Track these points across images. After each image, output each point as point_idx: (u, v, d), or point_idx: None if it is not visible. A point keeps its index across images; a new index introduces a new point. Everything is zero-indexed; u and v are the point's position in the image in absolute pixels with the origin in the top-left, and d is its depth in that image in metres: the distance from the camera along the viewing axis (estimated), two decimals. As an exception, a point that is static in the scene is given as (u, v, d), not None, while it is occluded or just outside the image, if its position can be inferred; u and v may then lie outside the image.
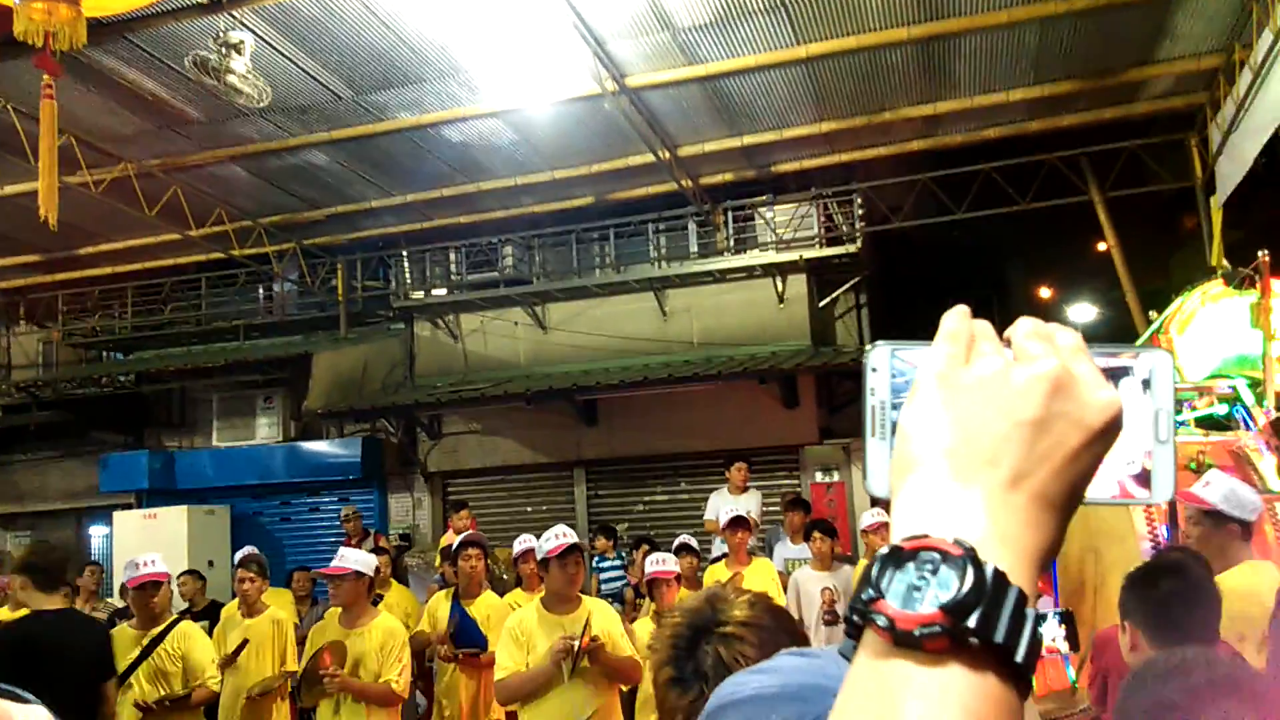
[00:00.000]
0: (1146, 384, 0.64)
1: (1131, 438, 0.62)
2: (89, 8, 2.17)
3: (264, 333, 13.12)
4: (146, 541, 11.22)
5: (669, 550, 7.27)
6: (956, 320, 0.63)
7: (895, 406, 0.64)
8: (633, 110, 8.70)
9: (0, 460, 13.84)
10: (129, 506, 12.27)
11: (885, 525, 6.69)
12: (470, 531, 6.93)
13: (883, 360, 0.67)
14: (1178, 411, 6.07)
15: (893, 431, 0.63)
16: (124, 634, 5.43)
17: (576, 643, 4.60)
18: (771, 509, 9.44)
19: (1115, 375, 0.63)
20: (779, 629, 1.55)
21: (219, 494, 12.15)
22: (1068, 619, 3.67)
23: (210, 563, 11.24)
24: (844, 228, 10.89)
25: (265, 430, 12.55)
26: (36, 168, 8.47)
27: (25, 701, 0.49)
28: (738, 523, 7.10)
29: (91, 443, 13.21)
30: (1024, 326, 0.62)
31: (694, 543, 7.18)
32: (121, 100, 8.44)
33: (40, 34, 2.18)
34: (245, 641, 6.17)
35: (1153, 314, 7.01)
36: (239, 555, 7.12)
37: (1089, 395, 0.58)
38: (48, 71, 2.99)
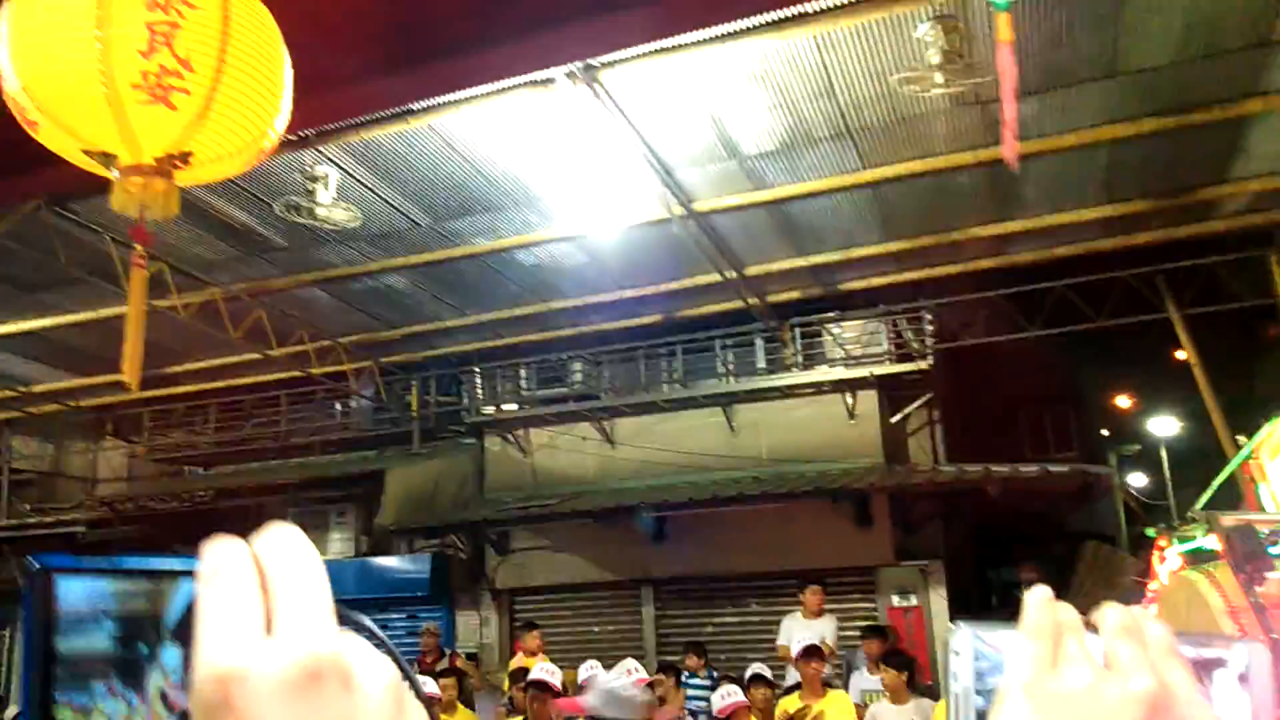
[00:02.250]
0: (1244, 678, 0.61)
1: None
2: (183, 179, 2.31)
3: (339, 448, 13.36)
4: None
5: (740, 675, 7.09)
6: (1041, 612, 0.60)
7: (979, 693, 0.63)
8: (700, 233, 8.86)
9: (84, 572, 14.12)
10: (203, 621, 12.38)
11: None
12: (545, 667, 6.81)
13: (965, 644, 0.65)
14: (1273, 543, 5.77)
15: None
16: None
17: None
18: (846, 634, 9.15)
19: (1208, 667, 0.61)
20: None
21: (291, 610, 12.21)
22: None
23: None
24: (914, 344, 10.80)
25: (338, 545, 12.67)
26: (122, 290, 9.00)
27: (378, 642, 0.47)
28: (811, 652, 6.89)
29: (171, 556, 13.44)
30: (1112, 619, 0.59)
31: (767, 672, 6.98)
32: (211, 229, 8.87)
33: (135, 207, 2.32)
34: None
35: (1241, 438, 6.76)
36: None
37: (1190, 718, 0.56)
38: (141, 243, 3.16)
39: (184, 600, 0.54)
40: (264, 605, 0.48)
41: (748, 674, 6.87)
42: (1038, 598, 0.61)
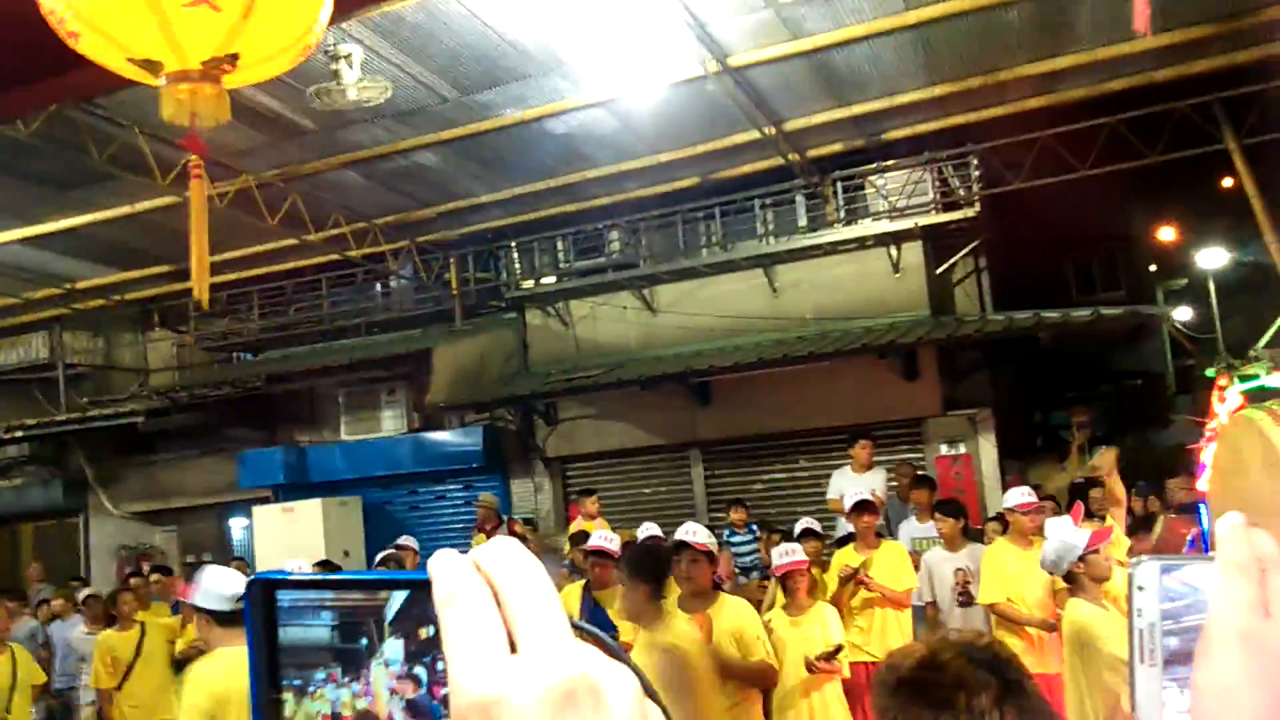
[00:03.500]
0: None
1: None
2: (231, 82, 2.22)
3: (383, 329, 13.47)
4: (285, 534, 11.76)
5: (789, 533, 7.24)
6: (1237, 545, 0.56)
7: (1169, 633, 0.59)
8: (736, 90, 8.56)
9: (145, 460, 14.62)
10: (266, 500, 12.82)
11: (1038, 506, 6.46)
12: (604, 533, 6.97)
13: (1151, 578, 0.61)
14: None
15: (1165, 659, 0.59)
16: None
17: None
18: (895, 485, 9.28)
19: None
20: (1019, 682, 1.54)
21: (350, 486, 12.61)
22: None
23: (345, 552, 11.69)
24: (960, 191, 10.53)
25: (390, 423, 12.95)
26: (161, 184, 8.94)
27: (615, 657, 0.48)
28: (863, 506, 7.00)
29: (227, 441, 13.84)
30: None
31: (816, 526, 7.11)
32: (240, 116, 8.68)
33: (186, 115, 2.24)
34: None
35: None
36: (380, 555, 7.36)
37: None
38: (194, 152, 3.07)
39: (401, 595, 0.53)
40: (504, 623, 0.47)
41: (797, 529, 7.01)
42: (1230, 528, 0.57)
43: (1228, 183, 10.38)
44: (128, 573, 11.02)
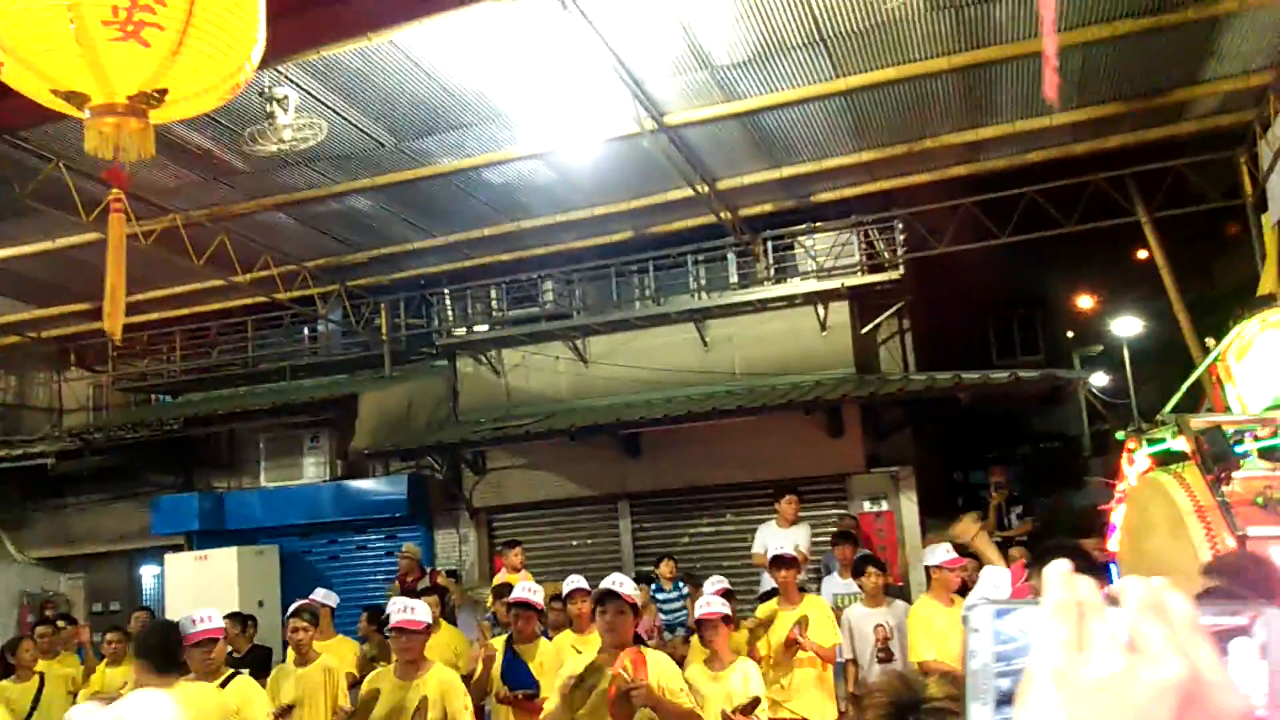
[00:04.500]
0: (1265, 649, 0.61)
1: None
2: (157, 118, 2.20)
3: (310, 373, 13.26)
4: (197, 583, 11.38)
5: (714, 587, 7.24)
6: (1061, 588, 0.60)
7: (1001, 675, 0.63)
8: (671, 147, 8.72)
9: (54, 504, 14.08)
10: (180, 548, 12.41)
11: (962, 563, 6.55)
12: (527, 585, 6.89)
13: (984, 621, 0.65)
14: (1238, 442, 5.92)
15: (996, 700, 0.62)
16: (181, 688, 5.46)
17: (575, 680, 4.63)
18: (819, 539, 9.36)
19: (1229, 636, 0.61)
20: None
21: (268, 533, 12.28)
22: None
23: (260, 603, 11.34)
24: (885, 254, 10.81)
25: (312, 470, 12.68)
26: (85, 221, 8.74)
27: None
28: (781, 562, 7.04)
29: (142, 485, 13.41)
30: (1133, 593, 0.59)
31: (725, 583, 7.16)
32: (171, 154, 8.60)
33: (110, 148, 2.22)
34: (290, 707, 6.18)
35: (1210, 341, 6.88)
36: (293, 606, 7.16)
37: (1221, 705, 0.55)
38: (117, 185, 3.04)
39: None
40: None
41: (707, 587, 7.06)
42: (1057, 574, 0.61)
43: (1142, 254, 10.83)
44: (31, 622, 10.54)
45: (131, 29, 2.09)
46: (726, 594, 6.80)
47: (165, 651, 4.65)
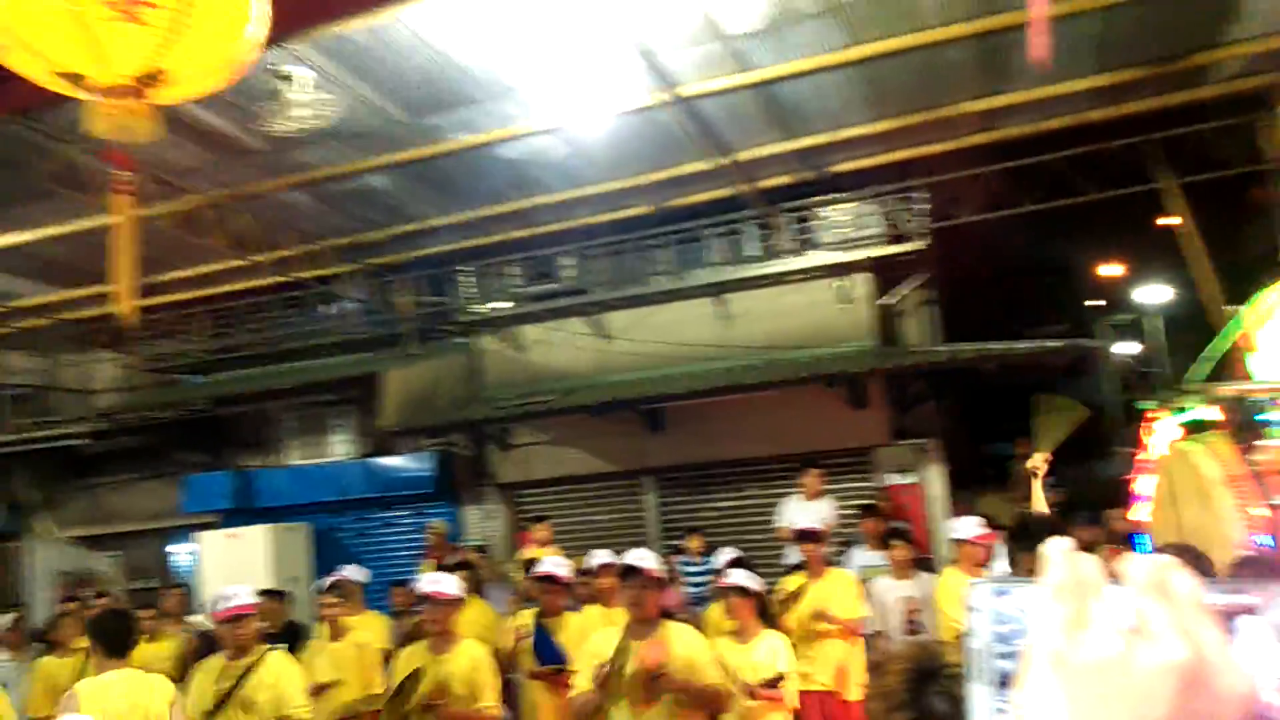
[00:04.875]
0: (1277, 629, 0.59)
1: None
2: (159, 98, 2.21)
3: (333, 351, 13.35)
4: (230, 560, 11.55)
5: (743, 558, 7.26)
6: (1063, 569, 0.59)
7: (1000, 656, 0.62)
8: (687, 119, 8.65)
9: (87, 484, 14.30)
10: (212, 526, 12.59)
11: (990, 539, 6.51)
12: (554, 559, 6.93)
13: (984, 601, 0.64)
14: (1260, 411, 5.82)
15: (999, 681, 0.62)
16: (213, 665, 5.54)
17: (608, 665, 4.65)
18: (844, 513, 9.35)
19: (1236, 615, 0.59)
20: None
21: (297, 511, 12.41)
22: None
23: (294, 580, 11.50)
24: (907, 224, 10.70)
25: (340, 447, 12.81)
26: (103, 202, 8.80)
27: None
28: (805, 536, 7.05)
29: (173, 464, 13.59)
30: (1138, 573, 0.57)
31: (735, 553, 7.19)
32: (185, 134, 8.64)
33: (113, 129, 2.22)
34: (328, 685, 6.25)
35: (1231, 308, 6.77)
36: (325, 581, 7.24)
37: (1224, 688, 0.54)
38: (120, 167, 3.05)
39: None
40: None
41: (721, 559, 7.09)
42: (1059, 552, 0.60)
43: (1168, 221, 10.66)
44: (64, 598, 10.75)
45: (130, 10, 2.09)
46: (738, 562, 6.81)
47: (115, 637, 4.78)
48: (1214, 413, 5.44)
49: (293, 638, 7.58)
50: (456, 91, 8.21)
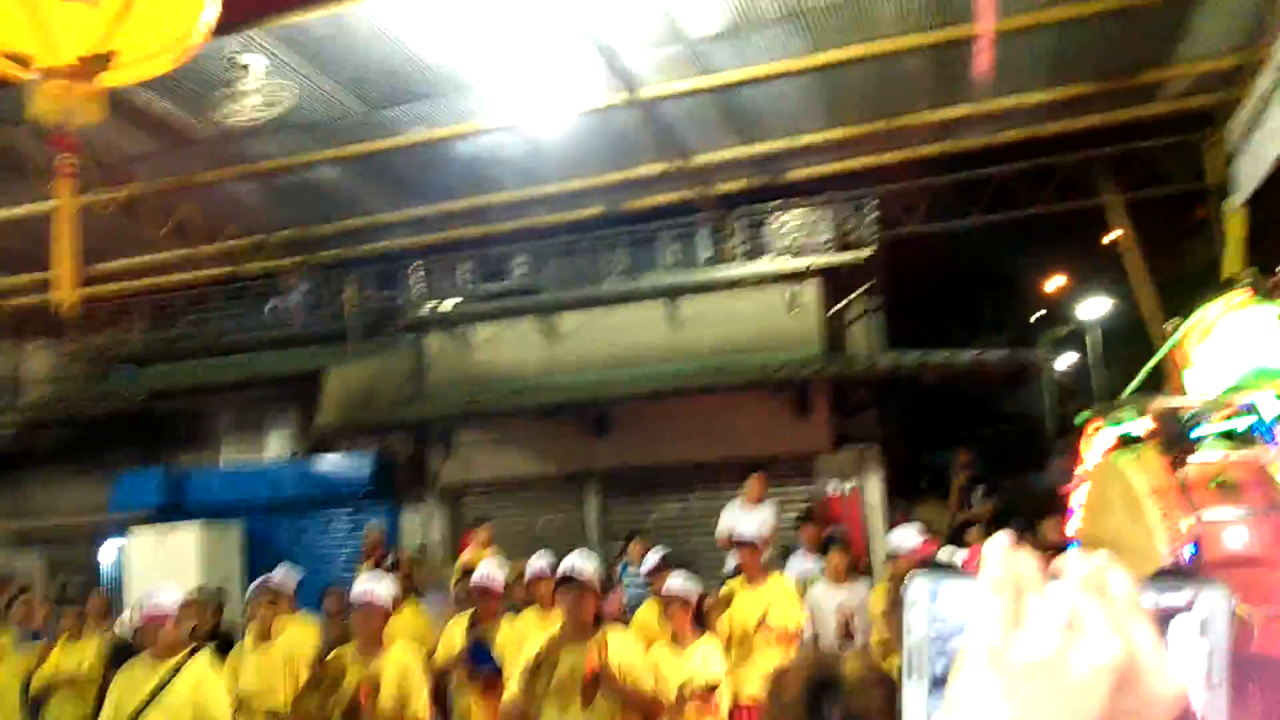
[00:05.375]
0: (1204, 625, 0.60)
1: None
2: (107, 81, 2.12)
3: (275, 347, 13.09)
4: (160, 559, 11.24)
5: (686, 562, 7.26)
6: (1000, 564, 0.58)
7: (936, 653, 0.61)
8: (645, 121, 8.65)
9: (13, 478, 13.83)
10: (141, 524, 12.25)
11: (930, 552, 6.57)
12: (491, 563, 6.85)
13: (921, 595, 0.63)
14: (1195, 425, 5.98)
15: (932, 678, 0.61)
16: (138, 666, 5.37)
17: (531, 664, 4.65)
18: (786, 519, 9.40)
19: (1172, 615, 0.60)
20: (889, 680, 1.60)
21: (231, 510, 12.11)
22: None
23: (223, 581, 11.23)
24: (857, 233, 10.81)
25: (277, 446, 12.53)
26: (44, 189, 8.54)
27: None
28: (741, 543, 7.07)
29: (103, 460, 13.20)
30: (1074, 570, 0.57)
31: (663, 552, 7.23)
32: (132, 120, 8.41)
33: (58, 112, 2.13)
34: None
35: (1170, 324, 6.93)
36: (253, 585, 7.08)
37: (1156, 688, 0.55)
38: (65, 150, 2.93)
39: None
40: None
41: (650, 559, 7.11)
42: (996, 549, 0.59)
43: (1111, 237, 10.91)
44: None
45: (79, -12, 2.01)
46: (666, 563, 6.78)
47: None
48: (1147, 425, 5.55)
49: (222, 640, 7.40)
50: (414, 85, 8.11)
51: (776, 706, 1.61)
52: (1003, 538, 0.60)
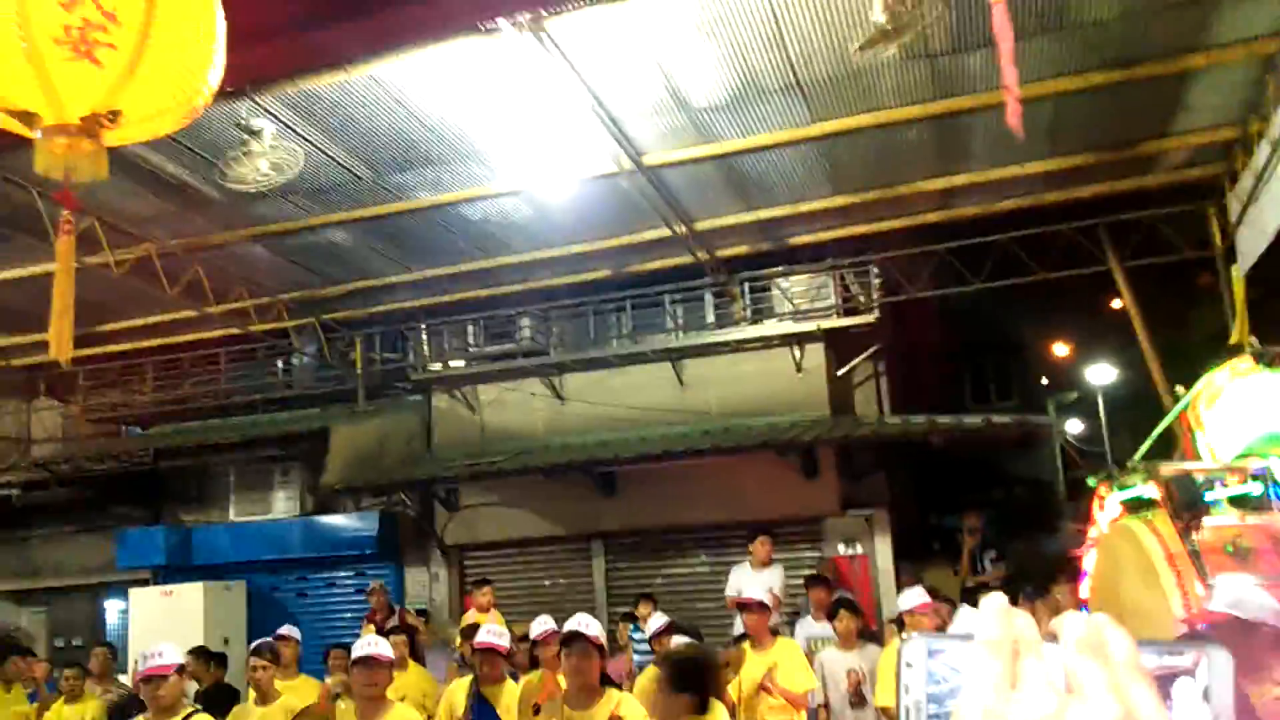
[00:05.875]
0: (1207, 691, 0.58)
1: None
2: (111, 139, 2.18)
3: (282, 406, 13.14)
4: (163, 618, 11.17)
5: (691, 625, 7.18)
6: (996, 625, 0.58)
7: (932, 715, 0.61)
8: (649, 187, 8.76)
9: (18, 535, 13.81)
10: (146, 582, 12.19)
11: (934, 607, 6.52)
12: (494, 628, 6.78)
13: (918, 656, 0.63)
14: (1209, 488, 5.92)
15: None
16: (139, 728, 5.33)
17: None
18: (794, 582, 9.30)
19: (1174, 678, 0.59)
20: None
21: (235, 569, 12.08)
22: None
23: (226, 640, 11.14)
24: (860, 298, 10.87)
25: (282, 504, 12.52)
26: (50, 247, 8.66)
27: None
28: (746, 607, 7.00)
29: (109, 518, 13.19)
30: (1072, 632, 0.56)
31: (665, 620, 7.16)
32: (144, 182, 8.56)
33: (61, 169, 2.19)
34: None
35: (1180, 389, 6.91)
36: (254, 644, 7.02)
37: None
38: (67, 207, 2.99)
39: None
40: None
41: (653, 625, 7.04)
42: (993, 609, 0.59)
43: (1116, 304, 10.93)
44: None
45: (84, 48, 2.07)
46: (675, 628, 6.73)
47: None
48: (1155, 490, 5.49)
49: (223, 700, 7.31)
50: (423, 151, 8.25)
51: None
52: (999, 598, 0.59)
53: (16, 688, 8.51)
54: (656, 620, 7.12)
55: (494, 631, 6.52)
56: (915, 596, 6.58)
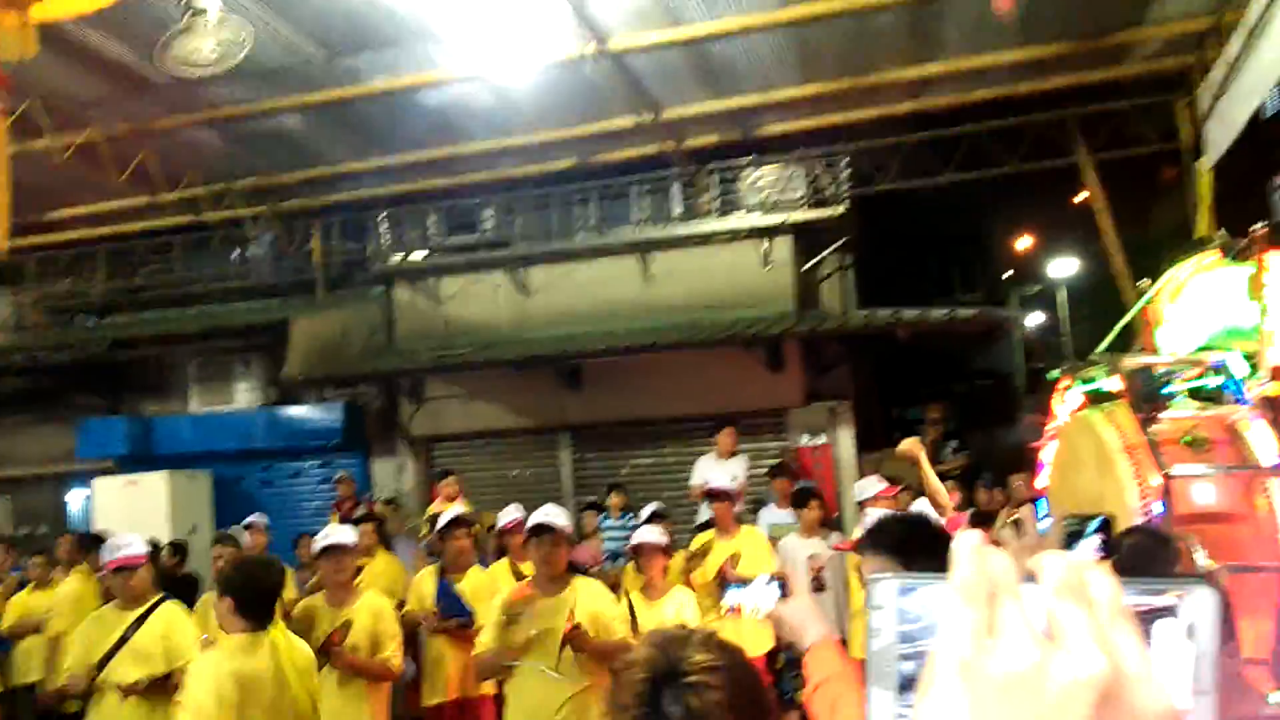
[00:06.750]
0: (1190, 630, 0.56)
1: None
2: (38, 14, 2.01)
3: (241, 297, 12.90)
4: (128, 507, 11.15)
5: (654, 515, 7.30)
6: (972, 566, 0.53)
7: (904, 657, 0.58)
8: (615, 73, 8.50)
9: (-27, 425, 13.64)
10: (109, 472, 12.12)
11: (892, 494, 6.66)
12: (458, 510, 6.86)
13: (888, 597, 0.59)
14: (1167, 383, 5.99)
15: (899, 685, 0.57)
16: (106, 616, 5.37)
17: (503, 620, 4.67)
18: (758, 472, 9.45)
19: (1155, 616, 0.56)
20: (737, 665, 1.55)
21: (199, 460, 12.01)
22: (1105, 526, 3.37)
23: (193, 528, 11.18)
24: (830, 190, 10.75)
25: (244, 395, 12.41)
26: None
27: None
28: (714, 495, 7.13)
29: (68, 408, 13.03)
30: (1054, 573, 0.52)
31: (658, 506, 7.28)
32: (86, 64, 8.16)
33: (-8, 48, 2.03)
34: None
35: (1143, 283, 6.94)
36: (218, 533, 7.04)
37: (1142, 703, 0.50)
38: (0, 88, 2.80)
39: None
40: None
41: (644, 513, 7.16)
42: (967, 548, 0.54)
43: (1082, 197, 10.92)
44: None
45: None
46: (657, 516, 6.86)
47: (262, 599, 4.37)
48: (1117, 383, 5.56)
49: (189, 589, 7.37)
50: (378, 31, 7.91)
51: (615, 708, 1.53)
52: (974, 535, 0.55)
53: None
54: (646, 513, 7.23)
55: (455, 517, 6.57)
56: (872, 485, 6.74)
